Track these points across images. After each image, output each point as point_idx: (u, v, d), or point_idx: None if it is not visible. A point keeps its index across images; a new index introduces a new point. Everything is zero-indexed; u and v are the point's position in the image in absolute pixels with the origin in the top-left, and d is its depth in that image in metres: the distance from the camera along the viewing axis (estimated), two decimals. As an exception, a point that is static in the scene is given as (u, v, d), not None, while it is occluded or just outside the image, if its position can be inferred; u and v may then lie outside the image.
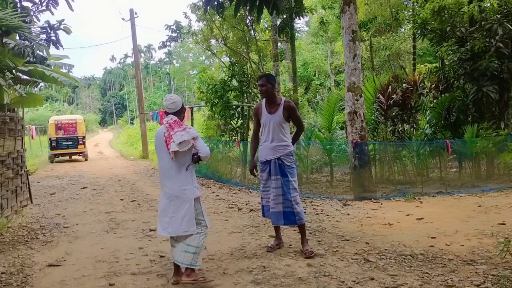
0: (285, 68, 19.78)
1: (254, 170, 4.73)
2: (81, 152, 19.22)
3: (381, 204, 7.06)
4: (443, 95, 9.80)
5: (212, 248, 4.66)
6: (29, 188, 8.08)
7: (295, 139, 4.70)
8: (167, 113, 3.80)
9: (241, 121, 11.79)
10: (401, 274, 3.69)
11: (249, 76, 11.50)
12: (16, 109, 7.62)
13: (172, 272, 3.81)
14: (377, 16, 16.40)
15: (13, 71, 7.36)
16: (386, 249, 4.38)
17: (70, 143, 18.86)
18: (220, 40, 12.24)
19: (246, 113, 11.82)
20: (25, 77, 8.03)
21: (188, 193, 3.69)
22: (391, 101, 9.96)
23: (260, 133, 4.65)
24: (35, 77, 7.86)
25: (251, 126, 12.23)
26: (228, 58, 12.91)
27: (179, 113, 3.80)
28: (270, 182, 4.43)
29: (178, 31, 12.83)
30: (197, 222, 3.71)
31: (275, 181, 4.36)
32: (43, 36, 7.42)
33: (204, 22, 12.30)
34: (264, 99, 4.53)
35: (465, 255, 4.09)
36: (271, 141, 4.41)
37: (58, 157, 19.26)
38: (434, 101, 10.12)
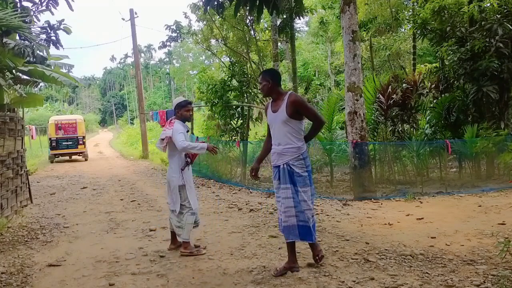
0: (285, 68, 19.76)
1: (256, 174, 4.10)
2: (81, 152, 19.22)
3: (381, 204, 7.06)
4: (443, 95, 9.81)
5: (212, 248, 4.66)
6: (29, 188, 8.07)
7: (309, 136, 3.97)
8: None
9: (241, 121, 11.80)
10: (401, 274, 3.69)
11: (249, 76, 11.50)
12: (16, 109, 7.62)
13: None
14: (377, 16, 16.40)
15: (13, 71, 7.35)
16: (386, 249, 4.38)
17: (70, 143, 18.86)
18: (220, 40, 12.25)
19: (246, 113, 11.82)
20: (25, 77, 8.03)
21: (175, 180, 4.52)
22: (391, 101, 9.97)
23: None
24: (35, 77, 7.86)
25: (251, 126, 12.27)
26: (228, 58, 12.91)
27: (175, 112, 4.62)
28: (280, 191, 3.84)
29: (178, 31, 12.83)
30: (182, 206, 4.51)
31: (284, 190, 3.77)
32: (43, 36, 7.43)
33: (204, 22, 12.31)
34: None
35: (465, 255, 4.09)
36: (278, 143, 3.81)
37: (58, 157, 19.26)
38: (434, 101, 10.13)
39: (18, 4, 6.83)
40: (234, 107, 11.65)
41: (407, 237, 4.87)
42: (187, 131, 4.66)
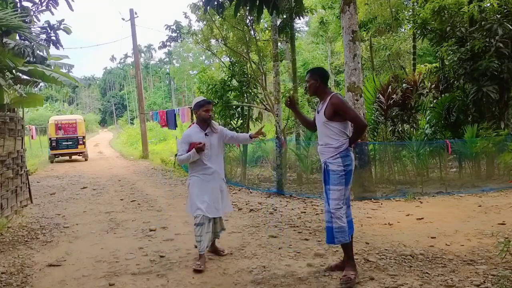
0: (285, 68, 19.75)
1: (292, 102, 4.12)
2: (81, 152, 19.22)
3: (381, 204, 7.06)
4: (443, 95, 9.81)
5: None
6: (29, 188, 8.07)
7: (352, 140, 3.77)
8: None
9: (241, 121, 11.78)
10: (401, 274, 3.70)
11: (249, 76, 11.50)
12: (16, 109, 7.62)
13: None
14: (377, 16, 16.39)
15: (13, 71, 7.36)
16: (386, 249, 4.38)
17: (70, 143, 18.85)
18: (220, 40, 12.23)
19: (246, 113, 11.82)
20: (25, 77, 8.03)
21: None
22: (391, 101, 9.97)
23: None
24: (35, 77, 7.87)
25: (251, 126, 12.25)
26: (228, 58, 12.89)
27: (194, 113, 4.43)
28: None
29: (178, 31, 12.82)
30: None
31: (324, 190, 3.83)
32: (43, 36, 7.43)
33: (204, 22, 12.28)
34: None
35: (465, 255, 4.10)
36: (320, 143, 3.82)
37: (58, 157, 19.25)
38: (434, 101, 10.13)
39: (18, 4, 6.83)
40: (234, 107, 11.65)
41: (407, 237, 4.87)
42: (206, 135, 4.24)
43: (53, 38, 7.44)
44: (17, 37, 6.99)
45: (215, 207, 4.19)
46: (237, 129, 11.73)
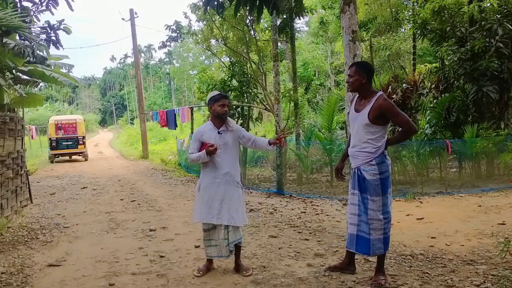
0: (285, 68, 19.75)
1: (339, 173, 3.85)
2: (81, 152, 19.22)
3: (381, 204, 7.05)
4: (443, 95, 9.81)
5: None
6: (29, 188, 8.06)
7: (393, 141, 3.68)
8: None
9: (241, 121, 11.79)
10: (401, 274, 3.70)
11: (249, 76, 11.50)
12: (16, 109, 7.61)
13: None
14: (377, 16, 16.38)
15: (13, 71, 7.35)
16: (386, 249, 4.38)
17: (70, 143, 18.86)
18: (220, 40, 12.23)
19: (246, 113, 11.82)
20: (25, 77, 8.02)
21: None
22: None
23: None
24: (35, 77, 7.86)
25: (251, 126, 12.26)
26: (228, 58, 12.90)
27: (209, 109, 4.01)
28: (349, 195, 3.67)
29: (178, 31, 12.82)
30: None
31: (352, 195, 3.58)
32: (43, 36, 7.42)
33: (204, 22, 12.29)
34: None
35: (465, 255, 4.10)
36: (353, 145, 3.54)
37: (58, 157, 19.26)
38: (434, 101, 10.13)
39: (18, 4, 6.83)
40: (234, 107, 11.65)
41: (407, 237, 4.87)
42: (219, 133, 3.84)
43: (53, 38, 7.43)
44: (17, 37, 6.98)
45: (221, 214, 3.76)
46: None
